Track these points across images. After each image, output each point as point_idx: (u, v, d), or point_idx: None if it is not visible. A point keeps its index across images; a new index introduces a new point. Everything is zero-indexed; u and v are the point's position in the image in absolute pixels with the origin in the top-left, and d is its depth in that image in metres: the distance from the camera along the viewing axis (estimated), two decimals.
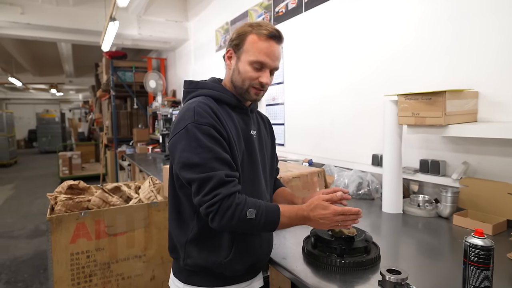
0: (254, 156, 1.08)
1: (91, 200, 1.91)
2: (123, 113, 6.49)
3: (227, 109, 1.06)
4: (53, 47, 7.88)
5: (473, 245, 0.75)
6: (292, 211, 0.96)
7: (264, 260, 1.13)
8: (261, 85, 1.05)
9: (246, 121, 1.10)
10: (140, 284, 1.93)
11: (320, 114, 2.56)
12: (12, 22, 4.33)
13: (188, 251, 1.03)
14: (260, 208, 0.92)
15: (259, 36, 1.01)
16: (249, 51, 1.02)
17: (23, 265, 3.33)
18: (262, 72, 1.03)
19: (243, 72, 1.03)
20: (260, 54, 1.01)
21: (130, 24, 4.90)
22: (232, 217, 0.90)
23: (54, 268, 1.71)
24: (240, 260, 1.02)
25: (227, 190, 0.90)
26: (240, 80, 1.04)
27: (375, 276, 0.98)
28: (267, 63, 1.02)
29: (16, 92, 16.10)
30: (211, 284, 1.04)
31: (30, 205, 5.66)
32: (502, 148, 1.47)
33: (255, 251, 1.06)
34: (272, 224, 0.93)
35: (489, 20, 1.49)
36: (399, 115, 1.54)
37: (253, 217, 0.90)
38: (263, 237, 1.09)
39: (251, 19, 3.40)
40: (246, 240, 1.03)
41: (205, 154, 0.92)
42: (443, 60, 1.69)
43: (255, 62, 1.02)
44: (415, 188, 1.83)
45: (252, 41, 1.02)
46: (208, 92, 1.06)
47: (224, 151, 0.96)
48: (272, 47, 1.02)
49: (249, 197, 0.94)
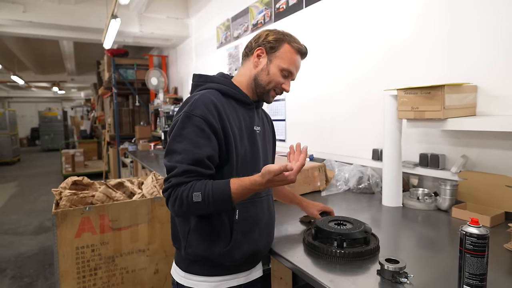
0: (256, 151, 1.11)
1: (95, 195, 1.93)
2: (125, 110, 6.51)
3: (233, 104, 1.10)
4: (55, 45, 7.91)
5: (468, 233, 0.77)
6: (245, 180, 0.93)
7: (263, 251, 1.14)
8: (282, 91, 1.14)
9: (251, 116, 1.13)
10: (144, 277, 1.96)
11: (320, 110, 2.58)
12: (14, 20, 4.36)
13: (190, 240, 1.06)
14: (206, 189, 0.92)
15: (293, 48, 1.11)
16: (283, 58, 1.10)
17: (28, 260, 3.37)
18: (287, 80, 1.13)
19: (273, 75, 1.10)
20: (292, 65, 1.11)
21: (131, 22, 4.92)
22: (181, 204, 0.94)
23: (60, 262, 1.74)
24: (239, 250, 1.05)
25: (177, 180, 0.94)
26: (267, 81, 1.11)
27: (374, 266, 1.00)
28: (293, 74, 1.13)
29: (18, 90, 16.17)
30: (210, 273, 1.07)
31: (34, 202, 5.71)
32: (501, 141, 1.49)
33: (254, 242, 1.08)
34: (225, 200, 0.93)
35: (488, 14, 1.50)
36: (399, 109, 1.55)
37: (200, 200, 0.92)
38: (262, 228, 1.11)
39: (252, 16, 3.41)
40: (245, 230, 1.06)
41: (184, 145, 0.96)
42: (442, 54, 1.70)
43: (286, 70, 1.10)
44: (414, 182, 1.84)
45: (287, 50, 1.10)
46: (216, 86, 1.09)
47: (208, 144, 0.97)
48: (299, 60, 1.14)
49: (198, 181, 0.94)
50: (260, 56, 1.12)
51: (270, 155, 1.26)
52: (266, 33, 1.12)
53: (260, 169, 0.92)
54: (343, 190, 1.96)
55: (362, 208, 1.65)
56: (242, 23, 3.63)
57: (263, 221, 1.12)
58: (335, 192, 1.94)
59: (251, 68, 1.13)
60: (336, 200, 1.80)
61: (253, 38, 1.15)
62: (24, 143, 16.21)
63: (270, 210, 1.18)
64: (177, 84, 6.10)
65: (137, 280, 1.94)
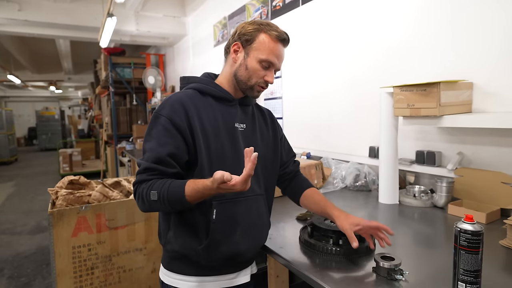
0: (237, 148, 1.06)
1: (91, 194, 1.93)
2: (123, 109, 6.49)
3: (211, 101, 1.07)
4: (51, 44, 7.86)
5: (463, 230, 0.77)
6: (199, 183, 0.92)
7: (247, 254, 1.07)
8: (266, 83, 1.08)
9: (232, 113, 1.09)
10: (141, 276, 1.96)
11: (318, 108, 2.58)
12: (10, 19, 4.32)
13: (169, 236, 1.06)
14: (162, 188, 0.93)
15: (271, 37, 1.04)
16: (260, 49, 1.04)
17: (26, 260, 3.36)
18: (269, 71, 1.07)
19: (251, 69, 1.05)
20: (271, 54, 1.04)
21: (128, 20, 4.89)
22: (143, 201, 0.97)
23: (56, 261, 1.74)
24: (216, 250, 1.01)
25: (140, 177, 0.97)
26: (247, 76, 1.06)
27: (370, 263, 1.00)
28: (275, 64, 1.06)
29: (15, 89, 16.08)
30: (189, 272, 1.06)
31: (31, 202, 5.70)
32: (496, 138, 1.49)
33: (234, 243, 1.03)
34: (179, 201, 0.93)
35: (484, 12, 1.50)
36: (395, 106, 1.55)
37: (156, 199, 0.93)
38: (245, 230, 1.05)
39: (249, 14, 3.40)
40: (223, 230, 1.02)
41: (151, 144, 0.99)
42: (439, 53, 1.70)
43: (265, 61, 1.04)
44: (411, 179, 1.85)
45: (264, 40, 1.04)
46: (195, 85, 1.09)
47: (171, 143, 0.98)
48: (280, 49, 1.06)
49: (158, 180, 0.96)
50: (237, 51, 1.08)
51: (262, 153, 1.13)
52: (242, 25, 1.08)
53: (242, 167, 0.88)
54: (340, 188, 1.96)
55: (359, 206, 1.65)
56: (239, 21, 3.62)
57: (247, 222, 1.05)
58: (332, 190, 1.94)
59: (231, 64, 1.10)
60: (333, 198, 1.80)
61: (232, 33, 1.12)
62: (21, 142, 16.15)
63: (260, 211, 1.10)
64: (174, 83, 6.08)
65: (134, 279, 1.94)
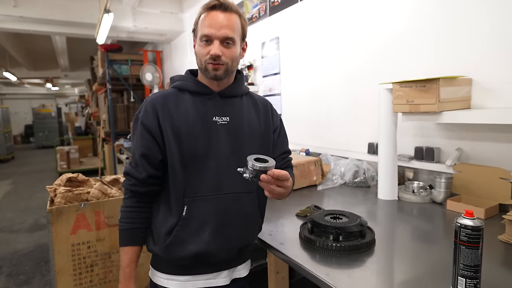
0: (214, 143, 1.02)
1: (90, 192, 1.92)
2: (120, 106, 6.46)
3: (188, 97, 1.05)
4: (47, 41, 7.79)
5: (463, 225, 0.77)
6: (126, 260, 1.05)
7: (219, 254, 1.03)
8: (212, 58, 0.98)
9: (209, 107, 1.05)
10: (141, 273, 1.96)
11: (316, 104, 2.57)
12: (5, 15, 4.27)
13: (149, 234, 1.09)
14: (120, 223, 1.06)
15: (204, 12, 1.01)
16: (198, 30, 1.02)
17: (24, 258, 3.36)
18: (210, 45, 0.99)
19: (197, 52, 1.03)
20: (204, 28, 0.99)
21: (125, 16, 4.85)
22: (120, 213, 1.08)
23: (55, 259, 1.74)
24: (182, 247, 1.00)
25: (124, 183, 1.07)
26: (198, 60, 1.03)
27: (370, 259, 1.01)
28: (211, 34, 0.98)
29: (11, 87, 15.95)
30: (164, 270, 1.06)
31: (29, 199, 5.67)
32: (495, 134, 1.50)
33: (204, 242, 1.00)
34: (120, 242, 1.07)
35: (481, 7, 1.50)
36: (394, 102, 1.55)
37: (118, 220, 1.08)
38: (218, 229, 1.02)
39: (247, 10, 3.38)
40: (191, 228, 1.00)
41: (132, 148, 1.08)
42: (437, 48, 1.70)
43: (202, 36, 1.00)
44: (410, 175, 1.85)
45: (201, 18, 1.02)
46: (176, 83, 1.10)
47: (142, 144, 1.03)
48: (215, 16, 0.99)
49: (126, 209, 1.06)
50: (194, 44, 1.07)
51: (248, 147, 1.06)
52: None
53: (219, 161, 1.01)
54: (339, 184, 1.97)
55: (358, 202, 1.66)
56: None
57: (220, 222, 1.02)
58: (331, 186, 1.94)
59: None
60: (332, 194, 1.80)
61: None
62: (18, 140, 16.05)
63: (242, 211, 1.06)
64: None
65: None
